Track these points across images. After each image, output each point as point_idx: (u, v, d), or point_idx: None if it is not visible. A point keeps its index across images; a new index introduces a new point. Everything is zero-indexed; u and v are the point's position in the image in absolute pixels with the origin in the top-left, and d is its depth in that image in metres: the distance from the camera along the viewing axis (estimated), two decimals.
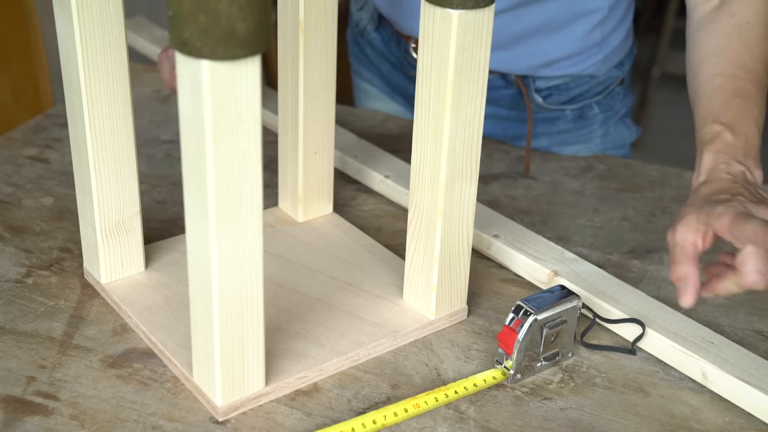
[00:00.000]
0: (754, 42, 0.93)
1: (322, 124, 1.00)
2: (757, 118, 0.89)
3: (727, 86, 0.90)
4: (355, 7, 1.36)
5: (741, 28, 0.94)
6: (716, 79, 0.91)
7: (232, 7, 0.61)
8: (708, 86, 0.91)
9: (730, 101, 0.89)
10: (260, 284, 0.73)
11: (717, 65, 0.92)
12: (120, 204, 0.88)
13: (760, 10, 0.94)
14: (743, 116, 0.88)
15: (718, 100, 0.90)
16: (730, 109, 0.88)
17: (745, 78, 0.90)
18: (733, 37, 0.93)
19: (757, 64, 0.92)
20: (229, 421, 0.77)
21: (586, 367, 0.85)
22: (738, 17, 0.94)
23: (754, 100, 0.90)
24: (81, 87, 0.82)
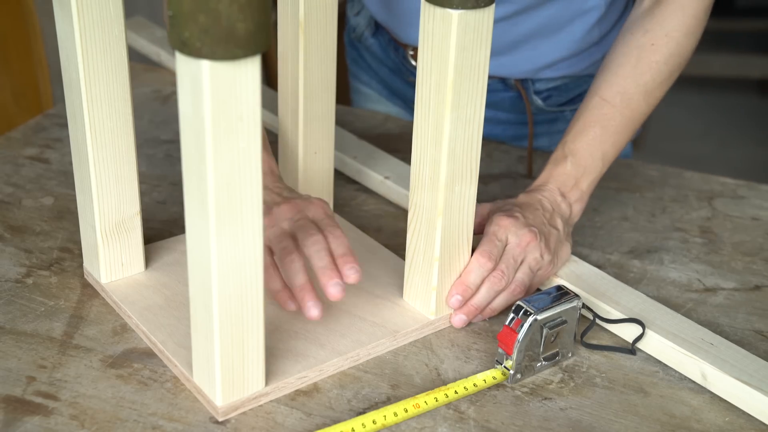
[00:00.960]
0: (647, 68, 0.97)
1: (322, 124, 1.00)
2: (607, 151, 0.97)
3: (595, 110, 0.97)
4: (352, 12, 1.36)
5: (642, 50, 0.97)
6: (594, 98, 0.97)
7: (232, 7, 0.61)
8: (586, 102, 0.98)
9: (589, 128, 0.96)
10: (260, 284, 0.73)
11: (602, 84, 0.98)
12: (120, 204, 0.88)
13: (670, 32, 0.97)
14: (592, 147, 0.96)
15: (581, 121, 0.97)
16: (584, 137, 0.96)
17: (619, 106, 0.96)
18: (633, 57, 0.97)
19: (638, 94, 0.97)
20: (229, 421, 0.77)
21: (586, 367, 0.85)
22: (647, 36, 0.97)
23: (612, 133, 0.96)
24: (81, 87, 0.82)
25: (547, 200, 0.94)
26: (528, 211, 0.92)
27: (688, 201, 1.14)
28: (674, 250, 1.04)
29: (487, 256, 0.87)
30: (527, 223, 0.90)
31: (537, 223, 0.91)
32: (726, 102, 3.50)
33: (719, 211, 1.13)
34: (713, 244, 1.06)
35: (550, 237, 0.91)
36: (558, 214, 0.94)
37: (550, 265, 0.91)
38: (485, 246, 0.88)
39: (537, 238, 0.89)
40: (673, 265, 1.01)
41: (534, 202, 0.93)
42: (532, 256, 0.89)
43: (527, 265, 0.89)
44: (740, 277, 1.00)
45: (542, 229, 0.91)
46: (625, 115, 0.96)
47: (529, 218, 0.90)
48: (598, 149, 0.96)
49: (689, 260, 1.02)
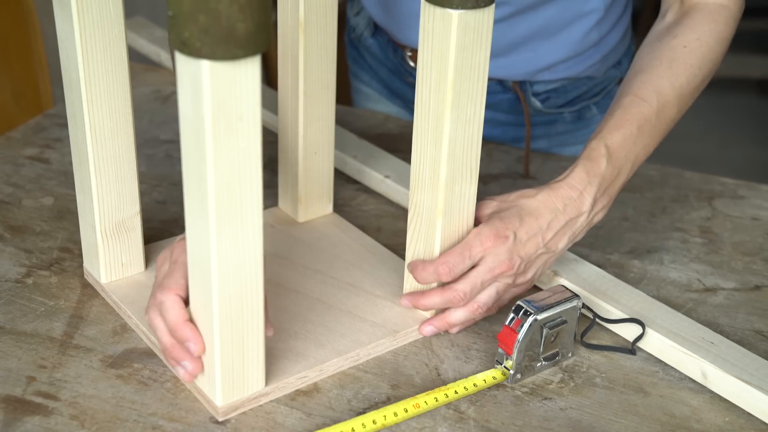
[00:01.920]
0: (681, 70, 0.92)
1: (322, 124, 1.00)
2: (639, 156, 0.91)
3: (632, 108, 0.90)
4: (352, 12, 1.36)
5: (675, 51, 0.93)
6: (629, 96, 0.91)
7: (232, 7, 0.61)
8: (619, 101, 0.92)
9: (626, 126, 0.90)
10: (260, 284, 0.73)
11: (637, 83, 0.92)
12: (120, 204, 0.88)
13: (702, 37, 0.94)
14: (627, 149, 0.89)
15: (617, 118, 0.90)
16: (620, 134, 0.89)
17: (655, 106, 0.91)
18: (665, 59, 0.93)
19: (673, 96, 0.92)
20: (229, 421, 0.77)
21: (586, 367, 0.85)
22: (678, 39, 0.94)
23: (647, 135, 0.91)
24: (81, 87, 0.82)
25: (569, 210, 0.87)
26: (526, 229, 0.85)
27: (688, 201, 1.14)
28: (674, 250, 1.04)
29: (447, 269, 0.83)
30: (513, 249, 0.84)
31: (526, 251, 0.85)
32: (726, 102, 3.50)
33: (719, 211, 1.13)
34: (713, 244, 1.06)
35: (533, 264, 0.86)
36: (568, 231, 0.87)
37: (522, 287, 0.89)
38: (453, 258, 0.83)
39: (513, 269, 0.84)
40: (673, 265, 1.01)
41: (545, 214, 0.86)
42: (503, 282, 0.86)
43: (494, 288, 0.86)
44: (740, 277, 1.00)
45: (530, 257, 0.85)
46: (660, 118, 0.91)
47: (521, 241, 0.84)
48: (632, 151, 0.90)
49: (689, 260, 1.02)
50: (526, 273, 0.87)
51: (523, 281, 0.87)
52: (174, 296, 0.75)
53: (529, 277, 0.87)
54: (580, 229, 0.89)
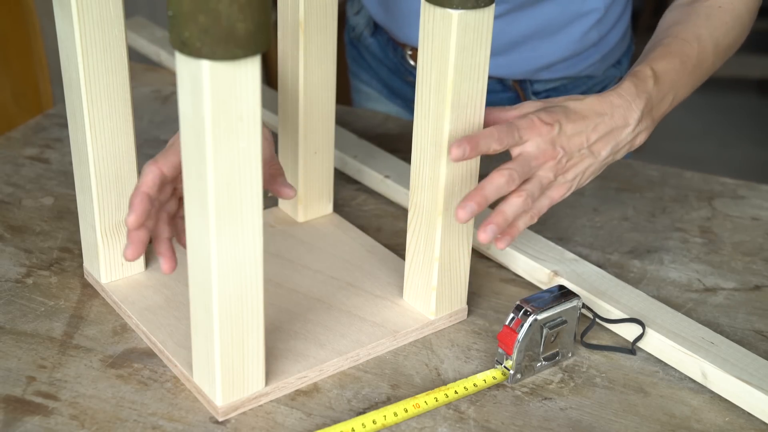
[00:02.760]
0: (719, 25, 0.93)
1: (322, 124, 1.00)
2: (678, 91, 0.89)
3: (674, 45, 0.90)
4: (351, 11, 1.36)
5: (710, 9, 0.94)
6: (669, 38, 0.91)
7: (232, 7, 0.61)
8: (660, 40, 0.92)
9: (672, 59, 0.89)
10: (260, 284, 0.73)
11: (675, 28, 0.92)
12: (120, 204, 0.88)
13: (734, 3, 0.94)
14: (671, 78, 0.88)
15: (662, 51, 0.90)
16: (665, 63, 0.88)
17: (696, 49, 0.90)
18: (702, 14, 0.94)
19: (711, 45, 0.92)
20: (229, 421, 0.77)
21: (586, 367, 0.86)
22: (711, 0, 0.95)
23: (688, 73, 0.90)
24: (81, 87, 0.82)
25: (616, 117, 0.84)
26: (572, 125, 0.82)
27: (688, 201, 1.14)
28: (674, 250, 1.04)
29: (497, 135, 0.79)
30: (556, 140, 0.81)
31: (571, 144, 0.82)
32: (726, 102, 3.50)
33: (719, 211, 1.13)
34: (713, 244, 1.06)
35: (578, 163, 0.83)
36: (611, 140, 0.84)
37: (561, 188, 0.84)
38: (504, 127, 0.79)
39: (556, 158, 0.81)
40: (673, 265, 1.01)
41: (591, 117, 0.83)
42: (544, 173, 0.82)
43: (537, 180, 0.82)
44: (740, 277, 1.00)
45: (572, 152, 0.82)
46: (700, 60, 0.91)
47: (565, 134, 0.82)
48: (674, 83, 0.88)
49: (689, 260, 1.02)
50: (567, 172, 0.83)
51: (563, 181, 0.84)
52: (154, 167, 0.79)
53: (569, 177, 0.84)
54: (624, 143, 0.86)
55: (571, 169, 0.84)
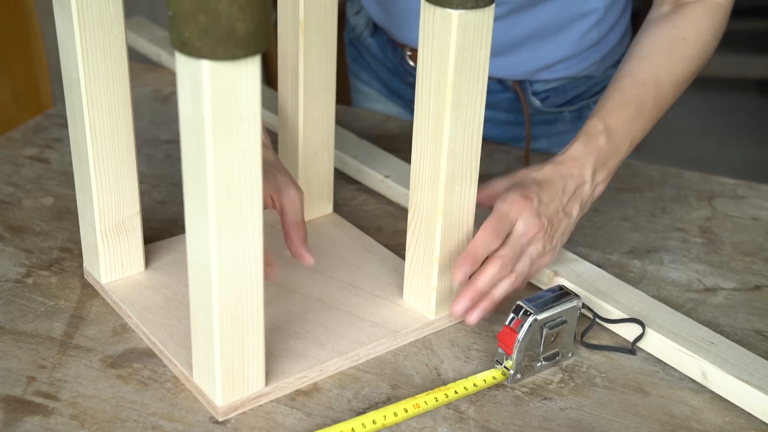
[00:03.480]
0: (679, 60, 0.95)
1: (322, 124, 1.00)
2: (636, 136, 0.94)
3: (630, 91, 0.94)
4: (351, 11, 1.36)
5: (674, 42, 0.96)
6: (627, 80, 0.95)
7: (232, 7, 0.61)
8: (616, 83, 0.95)
9: (624, 106, 0.93)
10: (260, 284, 0.73)
11: (635, 68, 0.95)
12: (120, 204, 0.88)
13: (700, 31, 0.96)
14: (625, 127, 0.93)
15: (615, 99, 0.94)
16: (619, 114, 0.93)
17: (652, 91, 0.94)
18: (663, 48, 0.96)
19: (669, 83, 0.95)
20: (229, 421, 0.77)
21: (586, 367, 0.85)
22: (677, 30, 0.96)
23: (644, 116, 0.94)
24: (81, 87, 0.82)
25: (573, 180, 0.90)
26: (546, 193, 0.88)
27: (688, 201, 1.14)
28: (674, 250, 1.04)
29: (494, 234, 0.84)
30: (540, 210, 0.87)
31: (550, 211, 0.88)
32: (726, 102, 3.50)
33: (719, 211, 1.13)
34: (713, 244, 1.06)
35: (558, 227, 0.89)
36: (578, 198, 0.90)
37: (548, 256, 0.90)
38: (495, 223, 0.85)
39: (544, 229, 0.87)
40: (673, 265, 1.01)
41: (557, 180, 0.89)
42: (534, 247, 0.87)
43: (528, 257, 0.87)
44: (740, 277, 1.00)
45: (553, 218, 0.88)
46: (656, 101, 0.94)
47: (543, 203, 0.87)
48: (630, 130, 0.93)
49: (689, 260, 1.02)
50: (553, 237, 0.89)
51: (549, 248, 0.89)
52: None
53: (554, 242, 0.90)
54: (587, 198, 0.92)
55: (555, 234, 0.89)
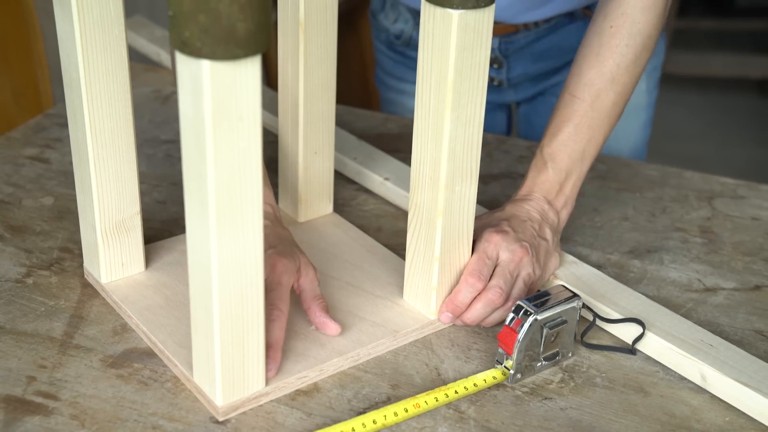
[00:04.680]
0: (608, 53, 0.94)
1: (322, 124, 1.00)
2: (585, 150, 0.95)
3: (566, 108, 0.95)
4: (388, 22, 1.35)
5: (602, 35, 0.94)
6: (565, 95, 0.96)
7: (232, 6, 0.61)
8: (559, 100, 0.97)
9: (563, 128, 0.95)
10: (260, 284, 0.73)
11: (570, 80, 0.96)
12: (120, 204, 0.88)
13: (627, 11, 0.93)
14: (568, 148, 0.95)
15: (554, 123, 0.96)
16: (558, 138, 0.95)
17: (588, 100, 0.94)
18: (593, 45, 0.95)
19: (604, 83, 0.94)
20: (229, 421, 0.77)
21: (586, 367, 0.86)
22: (607, 19, 0.94)
23: (587, 129, 0.95)
24: (81, 87, 0.82)
25: (535, 210, 0.93)
26: (517, 224, 0.90)
27: (688, 201, 1.14)
28: (674, 250, 1.04)
29: (476, 276, 0.86)
30: (518, 237, 0.88)
31: (527, 236, 0.89)
32: (726, 102, 3.50)
33: (719, 211, 1.13)
34: (713, 244, 1.06)
35: (539, 250, 0.90)
36: (546, 224, 0.93)
37: (539, 280, 0.91)
38: (474, 265, 0.87)
39: (529, 253, 0.88)
40: (673, 265, 1.01)
41: (521, 214, 0.92)
42: (525, 271, 0.88)
43: (521, 281, 0.88)
44: (740, 277, 1.00)
45: (533, 242, 0.90)
46: (596, 109, 0.94)
47: (519, 232, 0.89)
48: (575, 149, 0.94)
49: (689, 260, 1.02)
50: (539, 257, 0.90)
51: (539, 271, 0.90)
52: None
53: (542, 262, 0.91)
54: (555, 224, 0.94)
55: (539, 254, 0.90)
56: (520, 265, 0.88)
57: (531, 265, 0.88)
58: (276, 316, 0.81)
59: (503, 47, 1.26)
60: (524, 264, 0.88)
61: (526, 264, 0.88)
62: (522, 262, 0.88)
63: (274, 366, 0.80)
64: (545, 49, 1.27)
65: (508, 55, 1.27)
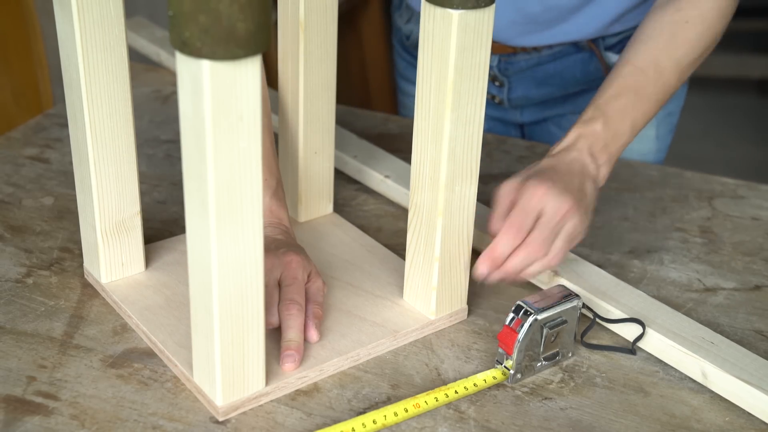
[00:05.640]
0: (681, 44, 0.95)
1: (322, 124, 1.00)
2: (637, 120, 0.94)
3: (629, 77, 0.94)
4: (402, 21, 1.35)
5: (676, 25, 0.96)
6: (627, 66, 0.95)
7: (232, 7, 0.61)
8: (617, 70, 0.95)
9: (623, 93, 0.93)
10: (260, 284, 0.73)
11: (635, 53, 0.95)
12: (120, 204, 0.88)
13: (705, 13, 0.96)
14: (624, 113, 0.93)
15: (614, 87, 0.94)
16: (617, 101, 0.93)
17: (651, 77, 0.94)
18: (666, 31, 0.96)
19: (670, 67, 0.95)
20: (229, 421, 0.77)
21: (586, 367, 0.86)
22: (680, 13, 0.96)
23: (644, 101, 0.94)
24: (81, 87, 0.82)
25: (576, 162, 0.90)
26: (558, 176, 0.87)
27: (688, 201, 1.14)
28: (674, 250, 1.04)
29: (516, 227, 0.84)
30: (564, 189, 0.85)
31: (570, 186, 0.87)
32: (726, 102, 3.50)
33: (719, 211, 1.13)
34: (713, 244, 1.06)
35: (584, 200, 0.88)
36: (587, 176, 0.90)
37: (585, 222, 0.88)
38: (515, 217, 0.84)
39: (575, 205, 0.85)
40: (673, 265, 1.01)
41: (560, 166, 0.89)
42: (571, 223, 0.85)
43: (566, 233, 0.85)
44: (740, 277, 1.00)
45: (574, 190, 0.87)
46: (658, 86, 0.94)
47: (561, 181, 0.86)
48: (630, 116, 0.93)
49: (689, 260, 1.02)
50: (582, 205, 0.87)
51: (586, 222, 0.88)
52: None
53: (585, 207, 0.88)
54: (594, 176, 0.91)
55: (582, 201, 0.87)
56: (566, 218, 0.85)
57: (577, 216, 0.86)
58: (297, 310, 0.82)
59: (502, 66, 1.26)
60: (570, 216, 0.85)
61: (572, 216, 0.85)
62: (568, 214, 0.85)
63: (298, 358, 0.81)
64: (548, 76, 1.26)
65: (508, 75, 1.27)
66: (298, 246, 0.91)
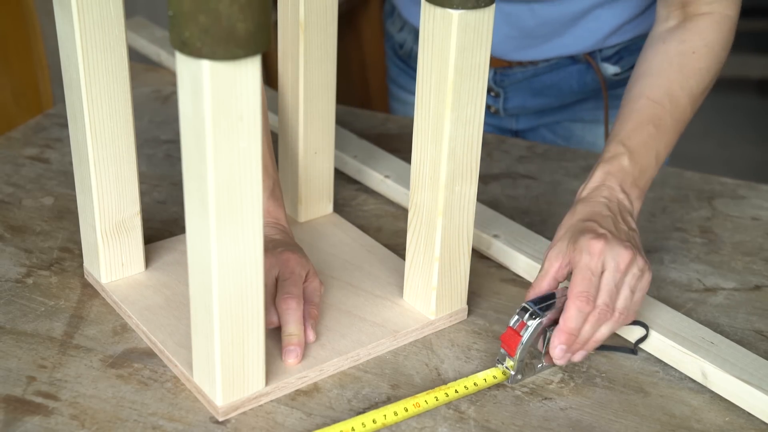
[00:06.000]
0: (691, 74, 0.94)
1: (322, 124, 1.00)
2: (660, 152, 0.92)
3: (646, 111, 0.92)
4: (394, 29, 1.35)
5: (684, 56, 0.95)
6: (641, 100, 0.93)
7: (232, 7, 0.61)
8: (631, 105, 0.94)
9: (643, 127, 0.92)
10: (260, 284, 0.73)
11: (647, 87, 0.94)
12: (120, 204, 0.88)
13: (710, 44, 0.95)
14: (648, 146, 0.91)
15: (632, 121, 0.92)
16: (638, 135, 0.91)
17: (668, 108, 0.93)
18: (674, 63, 0.95)
19: (684, 97, 0.94)
20: (229, 421, 0.77)
21: (586, 367, 0.85)
22: (686, 44, 0.95)
23: (665, 133, 0.93)
24: (81, 87, 0.82)
25: (610, 201, 0.87)
26: (605, 221, 0.84)
27: (688, 201, 1.14)
28: (674, 250, 1.04)
29: (585, 299, 0.80)
30: (618, 240, 0.82)
31: (623, 235, 0.83)
32: (726, 102, 3.50)
33: (719, 211, 1.13)
34: (713, 244, 1.06)
35: (637, 246, 0.84)
36: (626, 211, 0.87)
37: (647, 276, 0.84)
38: (581, 286, 0.80)
39: (635, 256, 0.82)
40: (673, 265, 1.01)
41: (597, 210, 0.86)
42: (631, 273, 0.82)
43: (627, 288, 0.82)
44: (740, 277, 1.00)
45: (629, 239, 0.84)
46: (675, 117, 0.93)
47: (612, 232, 0.83)
48: (653, 148, 0.91)
49: (689, 260, 1.02)
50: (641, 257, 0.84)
51: (645, 269, 0.83)
52: None
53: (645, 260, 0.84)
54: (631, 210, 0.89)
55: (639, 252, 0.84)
56: (627, 271, 0.82)
57: (637, 266, 0.82)
58: (296, 304, 0.82)
59: (499, 78, 1.26)
60: (631, 271, 0.82)
61: (633, 270, 0.82)
62: (629, 269, 0.82)
63: (300, 352, 0.81)
64: (544, 87, 1.26)
65: (504, 86, 1.27)
66: (296, 245, 0.91)
